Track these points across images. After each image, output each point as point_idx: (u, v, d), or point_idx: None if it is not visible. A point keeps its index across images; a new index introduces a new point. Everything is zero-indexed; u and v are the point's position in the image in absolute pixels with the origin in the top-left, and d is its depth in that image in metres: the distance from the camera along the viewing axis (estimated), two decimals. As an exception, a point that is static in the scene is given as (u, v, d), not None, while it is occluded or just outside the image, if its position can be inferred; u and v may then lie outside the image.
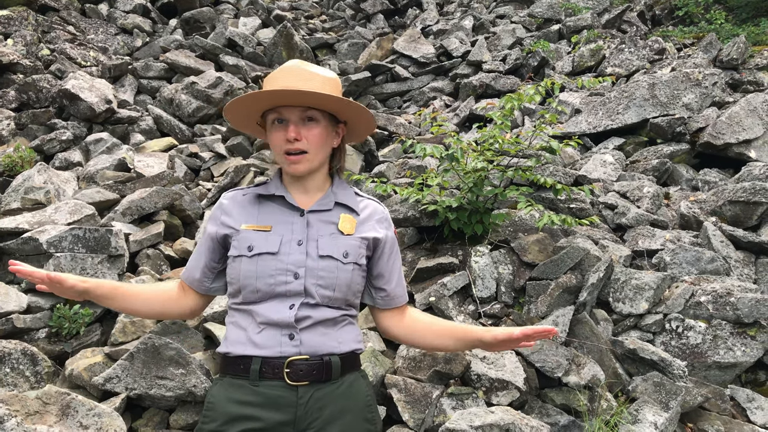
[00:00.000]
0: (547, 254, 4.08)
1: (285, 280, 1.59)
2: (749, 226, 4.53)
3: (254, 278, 1.59)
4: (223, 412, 1.56)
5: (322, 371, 1.59)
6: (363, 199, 1.81)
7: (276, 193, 1.71)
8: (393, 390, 3.12)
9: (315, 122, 1.65)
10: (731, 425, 3.26)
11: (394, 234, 1.83)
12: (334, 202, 1.73)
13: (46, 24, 8.80)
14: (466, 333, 1.73)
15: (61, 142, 6.30)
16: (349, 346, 1.66)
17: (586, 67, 8.06)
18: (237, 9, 11.18)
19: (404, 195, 4.30)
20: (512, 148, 4.30)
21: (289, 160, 1.64)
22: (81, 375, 3.22)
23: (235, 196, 1.77)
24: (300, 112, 1.63)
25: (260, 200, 1.73)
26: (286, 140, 1.63)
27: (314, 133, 1.65)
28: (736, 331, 3.58)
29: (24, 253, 3.83)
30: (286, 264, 1.60)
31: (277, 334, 1.58)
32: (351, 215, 1.73)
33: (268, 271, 1.59)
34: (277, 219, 1.68)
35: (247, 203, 1.73)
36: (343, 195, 1.76)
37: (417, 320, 1.82)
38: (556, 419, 3.09)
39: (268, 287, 1.59)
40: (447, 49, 9.04)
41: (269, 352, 1.57)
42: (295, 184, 1.73)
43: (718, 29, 9.13)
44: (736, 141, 5.69)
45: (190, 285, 1.78)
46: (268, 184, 1.77)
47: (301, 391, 1.56)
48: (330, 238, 1.66)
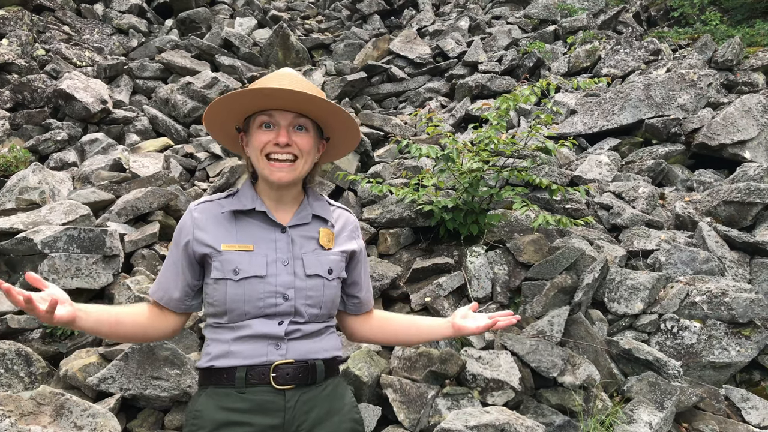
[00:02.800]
0: (543, 254, 4.08)
1: (274, 302, 1.57)
2: (744, 226, 4.54)
3: (242, 302, 1.55)
4: (211, 419, 1.54)
5: (308, 374, 1.59)
6: (335, 209, 1.78)
7: (257, 208, 1.63)
8: (388, 390, 3.11)
9: (305, 131, 1.61)
10: (726, 425, 3.27)
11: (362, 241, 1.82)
12: (311, 215, 1.69)
13: (42, 24, 8.78)
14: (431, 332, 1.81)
15: (56, 143, 6.28)
16: (331, 353, 1.67)
17: (581, 67, 8.08)
18: (233, 9, 11.17)
19: (400, 195, 4.30)
20: (508, 148, 4.31)
21: (273, 167, 1.58)
22: (75, 375, 3.20)
23: (208, 208, 1.66)
24: (292, 117, 1.59)
25: (236, 215, 1.64)
26: (275, 143, 1.57)
27: (304, 139, 1.61)
28: (731, 331, 3.59)
29: (18, 254, 3.82)
30: (275, 286, 1.57)
31: (263, 345, 1.57)
32: (327, 228, 1.70)
33: (257, 295, 1.56)
34: (258, 236, 1.61)
35: (222, 218, 1.64)
36: (319, 207, 1.72)
37: (386, 319, 1.88)
38: (551, 419, 3.09)
39: (257, 310, 1.57)
40: (443, 50, 9.05)
41: (255, 361, 1.56)
42: (271, 196, 1.67)
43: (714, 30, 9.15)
44: (730, 142, 5.71)
45: (167, 305, 1.66)
46: (239, 196, 1.68)
47: (288, 394, 1.56)
48: (314, 255, 1.63)
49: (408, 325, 1.84)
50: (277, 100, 1.56)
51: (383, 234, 4.49)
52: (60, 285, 3.72)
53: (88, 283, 3.81)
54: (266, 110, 1.59)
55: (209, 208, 1.66)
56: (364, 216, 4.69)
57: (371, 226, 4.58)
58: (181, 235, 1.65)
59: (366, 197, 4.95)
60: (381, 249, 4.47)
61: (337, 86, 8.30)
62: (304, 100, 1.54)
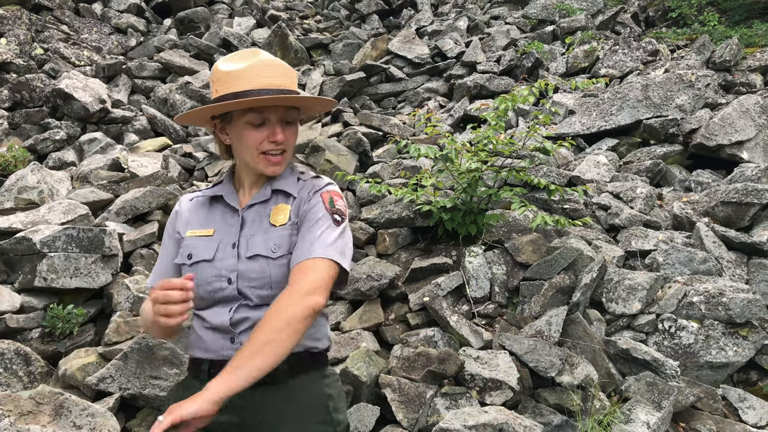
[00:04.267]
0: (541, 255, 4.09)
1: (221, 287, 1.58)
2: (741, 226, 4.56)
3: (196, 286, 1.53)
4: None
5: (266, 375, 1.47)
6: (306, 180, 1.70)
7: (215, 194, 1.70)
8: (387, 390, 3.12)
9: (293, 124, 1.65)
10: (723, 425, 3.28)
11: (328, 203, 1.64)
12: (271, 191, 1.67)
13: (40, 23, 8.77)
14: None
15: (55, 142, 6.28)
16: (301, 345, 1.57)
17: (579, 68, 8.09)
18: (231, 9, 11.17)
19: (398, 195, 4.31)
20: (506, 148, 4.32)
21: (271, 161, 1.61)
22: (74, 375, 3.21)
23: (191, 199, 1.76)
24: (282, 112, 1.61)
25: (210, 202, 1.72)
26: (271, 141, 1.59)
27: (292, 132, 1.65)
28: (728, 331, 3.60)
29: (17, 253, 3.82)
30: (220, 269, 1.58)
31: (219, 338, 1.57)
32: (286, 202, 1.65)
33: (206, 279, 1.58)
34: (219, 221, 1.66)
35: (197, 207, 1.72)
36: (281, 182, 1.68)
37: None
38: (549, 419, 3.09)
39: (208, 294, 1.59)
40: (441, 50, 9.05)
41: (215, 355, 1.57)
42: (248, 179, 1.69)
43: (711, 31, 9.17)
44: (728, 142, 5.72)
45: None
46: (222, 184, 1.74)
47: (245, 393, 1.48)
48: (261, 234, 1.60)
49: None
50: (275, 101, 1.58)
51: (382, 234, 4.49)
52: (59, 285, 3.73)
53: (87, 283, 3.81)
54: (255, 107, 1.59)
55: (192, 199, 1.76)
56: (363, 216, 4.70)
57: (370, 225, 4.59)
58: (168, 226, 1.76)
59: (364, 197, 4.95)
60: (379, 249, 4.47)
61: (335, 86, 8.30)
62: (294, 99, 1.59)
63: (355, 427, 2.98)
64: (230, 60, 1.61)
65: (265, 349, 1.39)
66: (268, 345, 1.40)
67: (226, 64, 1.60)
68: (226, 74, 1.58)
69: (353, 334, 3.64)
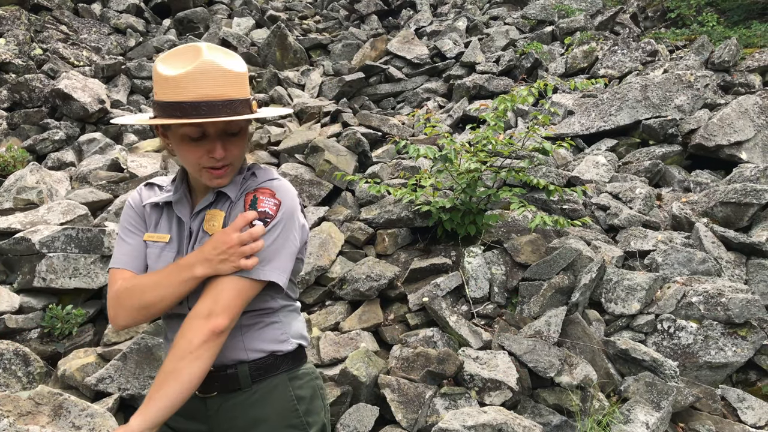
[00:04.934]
0: (540, 255, 4.09)
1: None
2: (740, 227, 4.56)
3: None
4: None
5: (228, 382, 1.51)
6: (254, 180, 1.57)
7: (162, 200, 1.58)
8: (386, 390, 3.12)
9: (237, 135, 1.50)
10: (722, 425, 3.28)
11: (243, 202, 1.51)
12: (214, 194, 1.56)
13: (39, 23, 8.77)
14: None
15: (54, 142, 6.27)
16: (262, 350, 1.56)
17: (579, 68, 8.10)
18: (231, 9, 11.17)
19: (398, 196, 4.31)
20: (505, 149, 4.32)
21: (212, 175, 1.48)
22: (73, 375, 3.21)
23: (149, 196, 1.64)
24: (223, 124, 1.45)
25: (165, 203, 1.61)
26: (211, 157, 1.45)
27: (237, 145, 1.50)
28: (727, 332, 3.60)
29: (16, 253, 3.82)
30: None
31: None
32: (222, 207, 1.55)
33: None
34: (175, 228, 1.57)
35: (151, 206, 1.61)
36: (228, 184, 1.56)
37: None
38: (548, 419, 3.10)
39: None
40: (440, 50, 9.06)
41: None
42: (199, 182, 1.58)
43: (710, 31, 9.18)
44: (727, 143, 5.72)
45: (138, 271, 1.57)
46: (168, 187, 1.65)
47: (210, 402, 1.51)
48: (199, 245, 1.50)
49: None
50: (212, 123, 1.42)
51: (381, 234, 4.49)
52: (58, 285, 3.73)
53: (86, 283, 3.81)
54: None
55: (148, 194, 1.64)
56: (362, 216, 4.70)
57: (369, 226, 4.59)
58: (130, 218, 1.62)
59: (364, 197, 4.96)
60: (379, 249, 4.48)
61: (334, 86, 8.31)
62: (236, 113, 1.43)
63: (355, 428, 2.98)
64: (169, 61, 1.43)
65: (169, 380, 1.38)
66: (172, 374, 1.38)
67: (163, 66, 1.43)
68: (163, 79, 1.41)
69: (352, 334, 3.64)
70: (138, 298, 1.46)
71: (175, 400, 1.38)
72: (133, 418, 1.37)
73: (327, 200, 5.22)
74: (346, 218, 4.73)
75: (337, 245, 4.38)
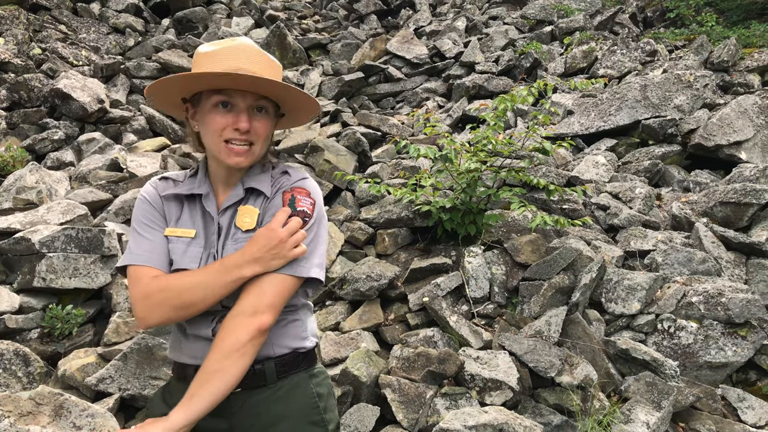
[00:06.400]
0: (540, 255, 4.09)
1: None
2: (740, 227, 4.56)
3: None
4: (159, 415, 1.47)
5: (253, 378, 1.51)
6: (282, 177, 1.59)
7: (194, 191, 1.56)
8: (387, 390, 3.12)
9: (264, 112, 1.52)
10: (722, 425, 3.28)
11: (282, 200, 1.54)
12: (243, 190, 1.56)
13: (38, 23, 8.76)
14: None
15: (53, 142, 6.27)
16: (287, 347, 1.57)
17: (578, 68, 8.10)
18: (230, 9, 11.16)
19: (398, 195, 4.31)
20: (505, 149, 4.32)
21: (233, 151, 1.48)
22: (74, 375, 3.20)
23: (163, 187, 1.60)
24: (252, 99, 1.49)
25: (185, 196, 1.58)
26: (234, 129, 1.47)
27: (263, 124, 1.51)
28: (727, 332, 3.60)
29: (16, 253, 3.81)
30: None
31: (205, 345, 1.49)
32: (254, 204, 1.56)
33: None
34: (199, 221, 1.55)
35: (170, 199, 1.58)
36: (255, 179, 1.57)
37: None
38: (549, 419, 3.10)
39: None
40: (440, 50, 9.06)
41: (200, 361, 1.48)
42: (220, 176, 1.58)
43: (709, 31, 9.19)
44: (726, 142, 5.73)
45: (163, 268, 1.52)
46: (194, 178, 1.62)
47: (233, 398, 1.49)
48: (232, 240, 1.51)
49: None
50: (237, 82, 1.45)
51: (381, 234, 4.49)
52: (58, 285, 3.72)
53: (86, 283, 3.80)
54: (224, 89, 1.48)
55: (165, 187, 1.61)
56: (362, 216, 4.70)
57: (369, 226, 4.59)
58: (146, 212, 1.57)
59: (364, 197, 4.96)
60: (379, 249, 4.47)
61: (334, 86, 8.30)
62: (265, 83, 1.45)
63: (356, 428, 2.98)
64: (210, 44, 1.51)
65: (215, 378, 1.40)
66: (218, 373, 1.40)
67: (204, 46, 1.50)
68: (201, 55, 1.49)
69: (353, 334, 3.64)
70: (177, 298, 1.44)
71: (218, 398, 1.40)
72: (174, 412, 1.38)
73: (327, 200, 5.22)
74: (346, 218, 4.73)
75: (337, 245, 4.38)
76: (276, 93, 1.51)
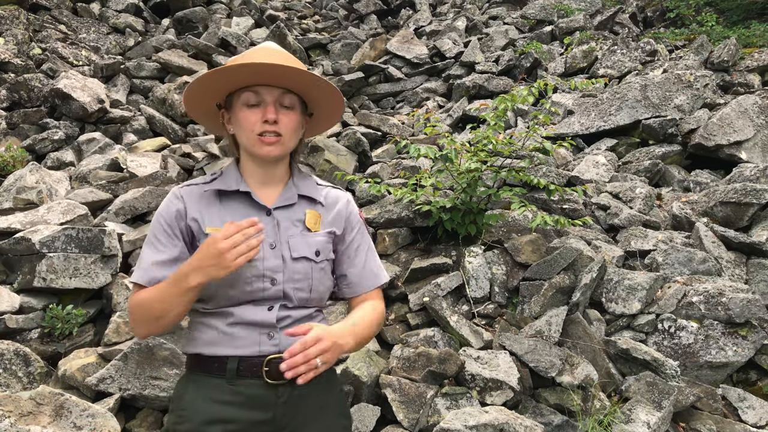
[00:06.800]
0: (541, 255, 4.09)
1: (262, 287, 1.55)
2: (740, 226, 4.56)
3: (228, 287, 1.52)
4: (199, 411, 1.51)
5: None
6: (323, 188, 1.75)
7: (241, 188, 1.62)
8: (387, 390, 3.12)
9: (290, 108, 1.60)
10: (723, 425, 3.28)
11: (359, 215, 1.79)
12: (297, 195, 1.66)
13: (38, 23, 8.76)
14: None
15: (53, 142, 6.27)
16: None
17: (578, 68, 8.10)
18: (230, 9, 11.15)
19: (398, 195, 4.31)
20: (505, 148, 4.32)
21: (264, 142, 1.56)
22: (74, 375, 3.20)
23: (192, 191, 1.63)
24: (278, 94, 1.57)
25: (220, 197, 1.63)
26: (264, 121, 1.55)
27: (290, 118, 1.60)
28: (728, 331, 3.60)
29: (16, 253, 3.81)
30: (262, 270, 1.55)
31: (255, 333, 1.53)
32: (315, 209, 1.68)
33: (244, 279, 1.53)
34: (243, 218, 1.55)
35: (206, 201, 1.61)
36: (304, 186, 1.69)
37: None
38: (549, 419, 3.10)
39: (244, 295, 1.54)
40: (440, 50, 9.05)
41: (247, 351, 1.52)
42: (256, 176, 1.65)
43: (709, 31, 9.19)
44: (727, 142, 5.73)
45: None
46: (224, 178, 1.66)
47: (281, 390, 1.53)
48: (300, 237, 1.61)
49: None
50: (263, 76, 1.54)
51: (381, 234, 4.49)
52: (58, 285, 3.72)
53: (86, 283, 3.80)
54: (251, 87, 1.57)
55: (193, 191, 1.64)
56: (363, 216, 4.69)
57: (369, 225, 4.59)
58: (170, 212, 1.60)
59: (364, 197, 4.95)
60: (379, 249, 4.47)
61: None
62: (289, 74, 1.53)
63: (356, 427, 2.98)
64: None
65: (373, 329, 1.70)
66: (375, 327, 1.71)
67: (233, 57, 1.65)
68: (230, 61, 1.59)
69: (353, 334, 3.63)
70: (148, 312, 1.52)
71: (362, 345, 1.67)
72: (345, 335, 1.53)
73: (327, 200, 5.20)
74: (347, 218, 4.72)
75: (338, 245, 4.37)
76: (300, 85, 1.59)
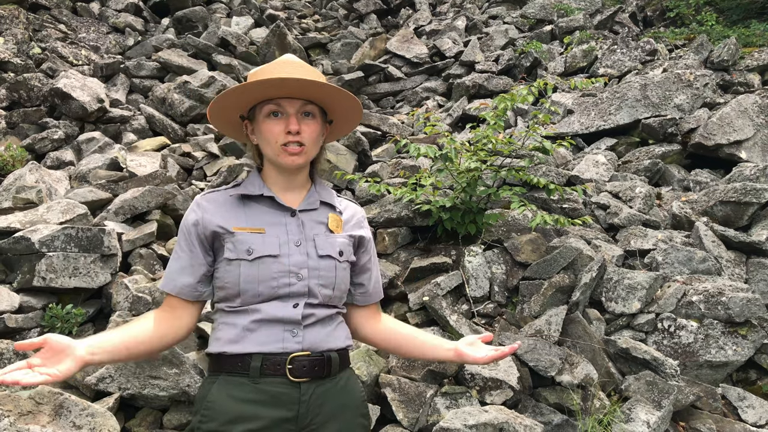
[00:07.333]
0: (540, 254, 4.09)
1: (288, 282, 1.58)
2: (740, 226, 4.56)
3: (256, 282, 1.56)
4: (223, 410, 1.53)
5: (323, 367, 1.59)
6: (342, 200, 1.83)
7: (264, 193, 1.67)
8: (387, 389, 3.12)
9: (312, 117, 1.65)
10: (723, 424, 3.29)
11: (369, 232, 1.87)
12: (319, 201, 1.73)
13: (38, 22, 8.76)
14: (435, 352, 1.83)
15: (53, 141, 6.27)
16: (343, 342, 1.68)
17: (578, 67, 8.10)
18: (229, 8, 11.14)
19: (398, 195, 4.31)
20: (505, 148, 4.32)
21: (288, 152, 1.61)
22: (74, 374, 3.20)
23: (214, 198, 1.68)
24: (300, 105, 1.62)
25: (244, 201, 1.68)
26: (287, 132, 1.60)
27: (312, 127, 1.65)
28: (728, 331, 3.60)
29: (16, 253, 3.81)
30: (288, 266, 1.58)
31: (279, 331, 1.56)
32: (336, 214, 1.74)
33: (270, 274, 1.57)
34: (267, 220, 1.64)
35: (230, 205, 1.66)
36: (326, 195, 1.77)
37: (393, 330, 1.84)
38: (549, 418, 3.10)
39: (270, 290, 1.57)
40: (440, 50, 9.05)
41: (271, 348, 1.55)
42: (279, 183, 1.70)
43: (709, 31, 9.19)
44: (726, 142, 5.73)
45: (180, 293, 1.62)
46: (246, 184, 1.71)
47: (304, 387, 1.55)
48: (324, 237, 1.67)
49: (413, 339, 1.82)
50: (284, 89, 1.59)
51: (381, 233, 4.49)
52: (58, 284, 3.72)
53: (86, 283, 3.80)
54: (273, 99, 1.62)
55: (215, 197, 1.69)
56: (362, 215, 4.69)
57: (369, 225, 4.58)
58: (188, 222, 1.65)
59: (364, 197, 4.95)
60: (379, 248, 4.47)
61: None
62: (310, 86, 1.58)
63: (356, 427, 2.98)
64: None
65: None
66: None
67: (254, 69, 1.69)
68: (250, 75, 1.65)
69: (353, 333, 3.63)
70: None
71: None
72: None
73: (327, 199, 5.21)
74: (346, 217, 4.72)
75: (337, 244, 4.37)
76: (321, 96, 1.65)
